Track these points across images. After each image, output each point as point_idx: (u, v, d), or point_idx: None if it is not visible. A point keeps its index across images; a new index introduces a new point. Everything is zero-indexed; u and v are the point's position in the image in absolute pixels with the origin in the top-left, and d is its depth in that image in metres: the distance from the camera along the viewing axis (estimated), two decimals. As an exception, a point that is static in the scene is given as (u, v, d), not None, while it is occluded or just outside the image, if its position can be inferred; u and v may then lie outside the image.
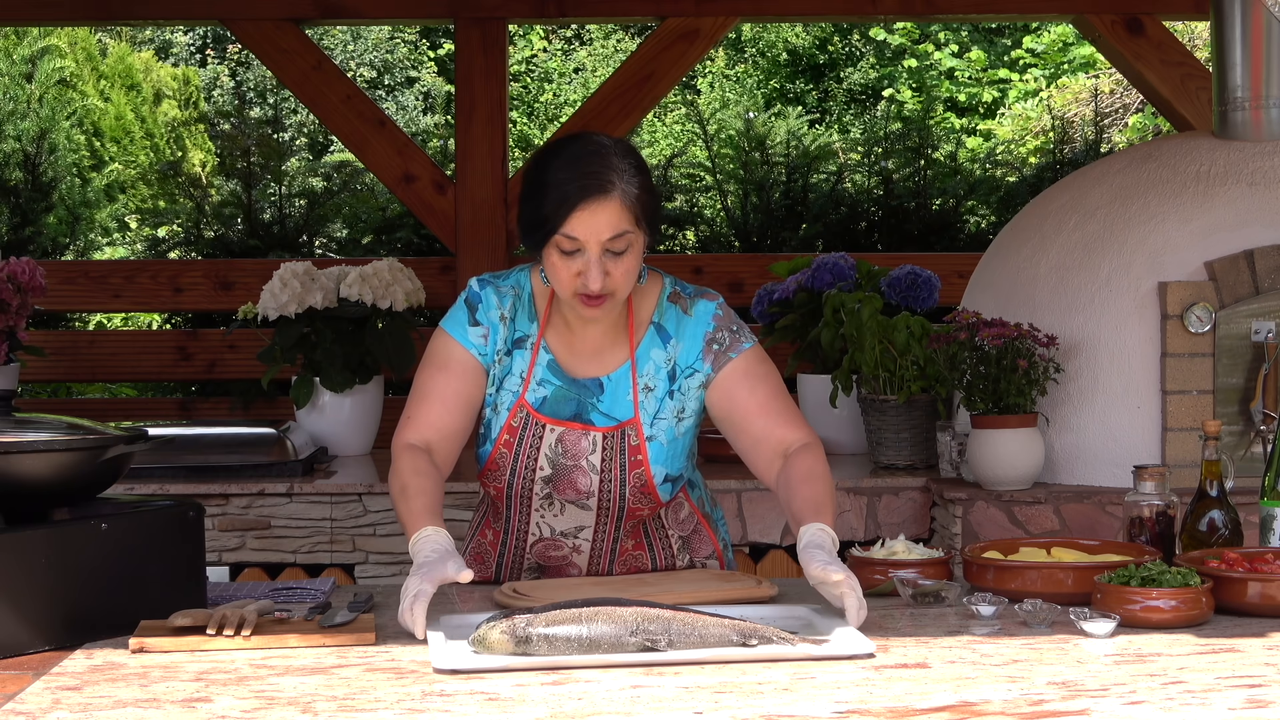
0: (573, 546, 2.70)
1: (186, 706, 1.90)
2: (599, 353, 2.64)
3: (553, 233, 2.49)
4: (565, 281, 2.52)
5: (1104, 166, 4.44)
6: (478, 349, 2.62)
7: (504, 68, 5.72)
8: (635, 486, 2.62)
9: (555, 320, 2.65)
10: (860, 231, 6.52)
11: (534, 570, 2.76)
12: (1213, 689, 1.94)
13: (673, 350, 2.64)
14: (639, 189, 2.50)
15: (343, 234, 6.62)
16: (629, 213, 2.48)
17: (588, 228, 2.47)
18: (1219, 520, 2.65)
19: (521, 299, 2.66)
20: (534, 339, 2.63)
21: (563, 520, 2.68)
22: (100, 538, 2.27)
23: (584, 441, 2.61)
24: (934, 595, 2.45)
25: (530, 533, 2.70)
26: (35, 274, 4.91)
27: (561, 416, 2.63)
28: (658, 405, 2.63)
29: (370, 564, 4.31)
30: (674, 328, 2.64)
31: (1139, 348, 4.05)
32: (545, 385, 2.63)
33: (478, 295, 2.65)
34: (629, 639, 2.09)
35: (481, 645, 2.10)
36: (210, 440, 4.52)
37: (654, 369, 2.64)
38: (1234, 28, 4.20)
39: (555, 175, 2.51)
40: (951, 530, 4.05)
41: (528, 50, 14.28)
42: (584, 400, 2.63)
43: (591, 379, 2.64)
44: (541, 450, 2.62)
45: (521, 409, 2.62)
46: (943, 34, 13.56)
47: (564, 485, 2.64)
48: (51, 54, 7.77)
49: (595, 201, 2.46)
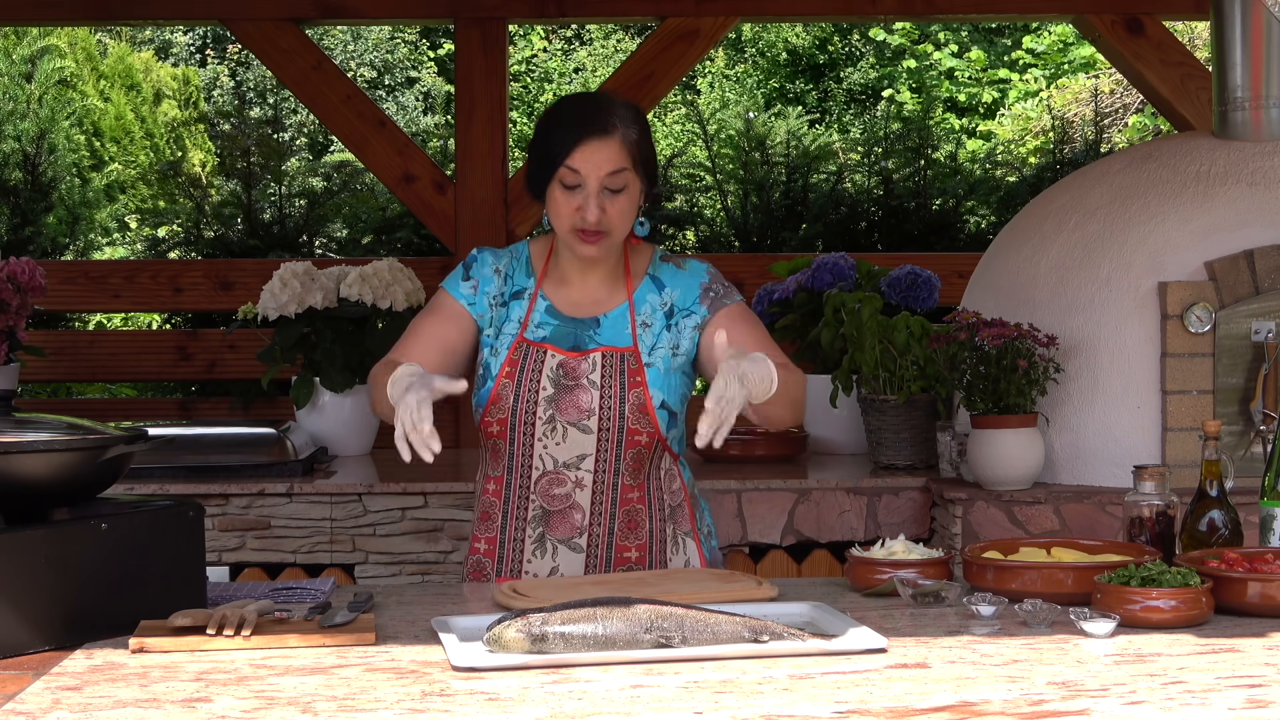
0: (575, 481, 2.76)
1: (186, 706, 1.90)
2: (597, 302, 2.82)
3: (556, 167, 2.70)
4: (565, 217, 2.72)
5: (1104, 166, 4.44)
6: (466, 299, 2.82)
7: (504, 68, 5.72)
8: (634, 405, 2.75)
9: (553, 274, 2.83)
10: (860, 231, 6.53)
11: (539, 519, 2.78)
12: (1213, 689, 1.94)
13: (668, 296, 2.83)
14: (638, 135, 2.73)
15: (343, 234, 6.62)
16: (627, 154, 2.71)
17: (588, 162, 2.69)
18: (1219, 520, 2.65)
19: (519, 259, 2.86)
20: (531, 290, 2.82)
21: (564, 448, 2.76)
22: (100, 538, 2.27)
23: (584, 364, 2.76)
24: (934, 595, 2.45)
25: (534, 467, 2.77)
26: (35, 274, 4.91)
27: (562, 346, 2.79)
28: (655, 339, 2.80)
29: (370, 564, 4.31)
30: (669, 279, 2.84)
31: (1139, 348, 4.05)
32: (544, 326, 2.80)
33: (474, 256, 2.87)
34: (643, 636, 2.12)
35: (497, 644, 2.11)
36: (210, 440, 4.52)
37: (650, 309, 2.82)
38: (1234, 28, 4.20)
39: (560, 118, 2.75)
40: (951, 530, 4.05)
41: (528, 50, 14.29)
42: (581, 334, 2.79)
43: (589, 317, 2.81)
44: (543, 373, 2.76)
45: (521, 344, 2.78)
46: (942, 34, 13.56)
47: (566, 404, 2.75)
48: (51, 54, 7.77)
49: (596, 139, 2.69)
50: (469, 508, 4.29)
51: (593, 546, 2.78)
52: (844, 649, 2.13)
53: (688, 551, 2.85)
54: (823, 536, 4.27)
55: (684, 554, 2.85)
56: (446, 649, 2.13)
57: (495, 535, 2.82)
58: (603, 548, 2.78)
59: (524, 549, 2.79)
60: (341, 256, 6.39)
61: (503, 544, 2.81)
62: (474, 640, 2.17)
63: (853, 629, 2.20)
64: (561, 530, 2.78)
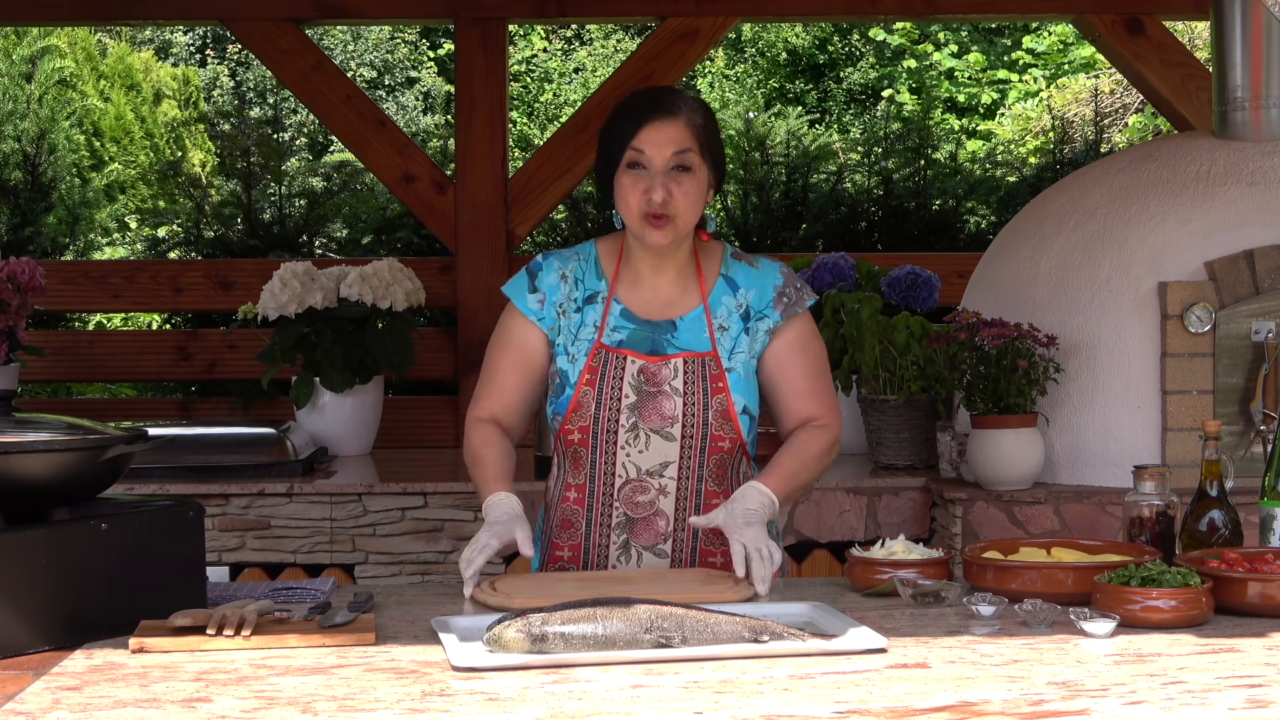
0: (659, 488, 2.75)
1: (186, 706, 1.90)
2: (671, 304, 2.80)
3: (623, 149, 2.70)
4: (633, 203, 2.70)
5: (1104, 166, 4.44)
6: (535, 314, 2.79)
7: (504, 68, 5.71)
8: (718, 411, 2.74)
9: (625, 275, 2.81)
10: (860, 231, 6.52)
11: (623, 526, 2.77)
12: (1213, 689, 1.94)
13: (743, 297, 2.80)
14: (703, 120, 2.74)
15: (343, 234, 6.62)
16: (693, 136, 2.71)
17: (654, 143, 2.69)
18: (1219, 520, 2.65)
19: (587, 261, 2.83)
20: (605, 294, 2.80)
21: (648, 456, 2.75)
22: (100, 538, 2.27)
23: (665, 370, 2.75)
24: (934, 595, 2.45)
25: (616, 474, 2.76)
26: (35, 274, 4.91)
27: (640, 351, 2.77)
28: (733, 342, 2.78)
29: (370, 564, 4.31)
30: (743, 279, 2.82)
31: (1139, 348, 4.05)
32: (620, 330, 2.78)
33: (539, 264, 2.83)
34: (644, 636, 2.12)
35: (497, 644, 2.11)
36: (210, 440, 4.52)
37: (726, 312, 2.79)
38: (1234, 28, 4.20)
39: (625, 106, 2.76)
40: (951, 530, 4.05)
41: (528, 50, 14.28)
42: (659, 338, 2.77)
43: (665, 320, 2.78)
44: (625, 380, 2.75)
45: (600, 350, 2.75)
46: (942, 34, 13.55)
47: (649, 411, 2.74)
48: (51, 54, 7.77)
49: (661, 120, 2.70)
50: (469, 507, 4.29)
51: (677, 552, 2.77)
52: (844, 649, 2.13)
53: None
54: (823, 536, 4.27)
55: None
56: (446, 649, 2.13)
57: (579, 543, 2.80)
58: (687, 552, 2.78)
59: (609, 555, 2.78)
60: (341, 256, 6.38)
61: (587, 550, 2.79)
62: (474, 640, 2.17)
63: (853, 629, 2.20)
64: (646, 537, 2.77)
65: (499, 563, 4.22)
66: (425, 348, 5.36)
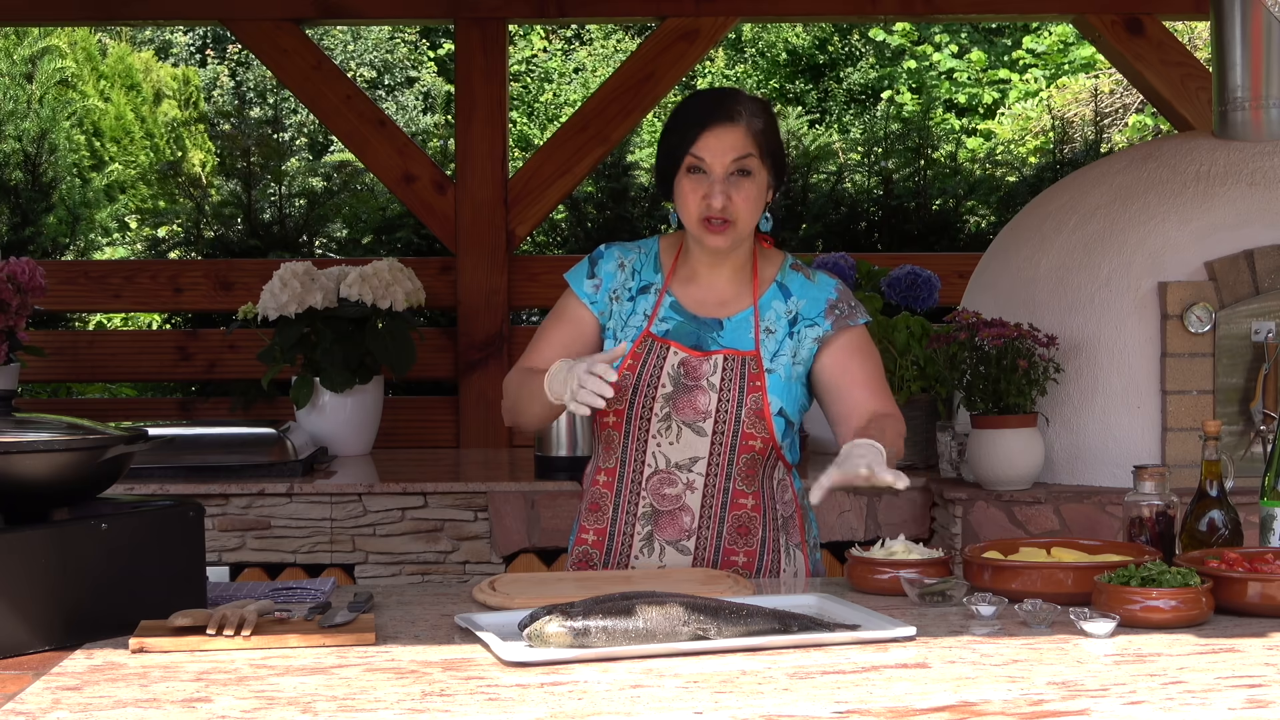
0: (686, 483, 2.76)
1: (186, 706, 1.90)
2: (723, 303, 2.82)
3: (683, 155, 2.72)
4: (693, 207, 2.72)
5: (1104, 166, 4.44)
6: (589, 297, 2.84)
7: (504, 68, 5.72)
8: (751, 410, 2.74)
9: (681, 271, 2.84)
10: (860, 231, 6.52)
11: (648, 517, 2.77)
12: (1213, 689, 1.94)
13: (794, 305, 2.82)
14: (764, 125, 2.75)
15: (343, 234, 6.62)
16: (753, 141, 2.72)
17: (713, 149, 2.71)
18: (1219, 520, 2.65)
19: (647, 254, 2.87)
20: (659, 286, 2.83)
21: (678, 449, 2.76)
22: (100, 538, 2.27)
23: (705, 365, 2.76)
24: (940, 594, 2.45)
25: (646, 463, 2.77)
26: (35, 274, 4.91)
27: (684, 344, 2.78)
28: (778, 345, 2.79)
29: (370, 564, 4.31)
30: (797, 289, 2.84)
31: (1139, 348, 4.05)
32: (668, 321, 2.80)
33: (600, 252, 2.88)
34: (682, 629, 2.16)
35: (539, 640, 2.12)
36: (210, 440, 4.52)
37: (775, 317, 2.81)
38: (1234, 28, 4.20)
39: (686, 109, 2.78)
40: (951, 530, 4.05)
41: (528, 50, 14.28)
42: (704, 334, 2.79)
43: (713, 318, 2.80)
44: (664, 370, 2.76)
45: (647, 338, 2.79)
46: (942, 35, 13.55)
47: (683, 404, 2.75)
48: (51, 54, 7.77)
49: (721, 126, 2.71)
50: (469, 508, 4.29)
51: (700, 549, 2.77)
52: (874, 638, 2.18)
53: (796, 563, 2.85)
54: (823, 536, 4.27)
55: (794, 565, 2.84)
56: (490, 646, 2.13)
57: (605, 528, 2.81)
58: (710, 551, 2.78)
59: (632, 544, 2.79)
60: (341, 256, 6.38)
61: (611, 536, 2.81)
62: (510, 638, 2.17)
63: (873, 620, 2.25)
64: (670, 532, 2.78)
65: (499, 562, 4.23)
66: (425, 348, 5.36)
